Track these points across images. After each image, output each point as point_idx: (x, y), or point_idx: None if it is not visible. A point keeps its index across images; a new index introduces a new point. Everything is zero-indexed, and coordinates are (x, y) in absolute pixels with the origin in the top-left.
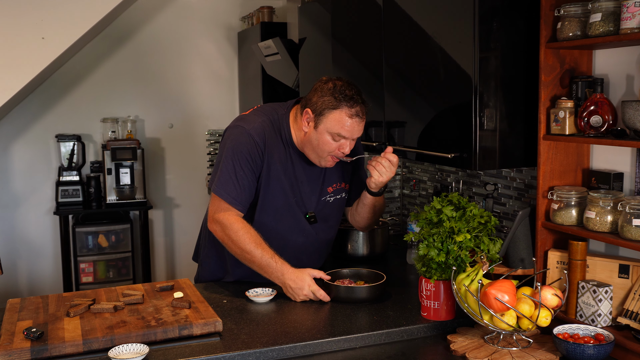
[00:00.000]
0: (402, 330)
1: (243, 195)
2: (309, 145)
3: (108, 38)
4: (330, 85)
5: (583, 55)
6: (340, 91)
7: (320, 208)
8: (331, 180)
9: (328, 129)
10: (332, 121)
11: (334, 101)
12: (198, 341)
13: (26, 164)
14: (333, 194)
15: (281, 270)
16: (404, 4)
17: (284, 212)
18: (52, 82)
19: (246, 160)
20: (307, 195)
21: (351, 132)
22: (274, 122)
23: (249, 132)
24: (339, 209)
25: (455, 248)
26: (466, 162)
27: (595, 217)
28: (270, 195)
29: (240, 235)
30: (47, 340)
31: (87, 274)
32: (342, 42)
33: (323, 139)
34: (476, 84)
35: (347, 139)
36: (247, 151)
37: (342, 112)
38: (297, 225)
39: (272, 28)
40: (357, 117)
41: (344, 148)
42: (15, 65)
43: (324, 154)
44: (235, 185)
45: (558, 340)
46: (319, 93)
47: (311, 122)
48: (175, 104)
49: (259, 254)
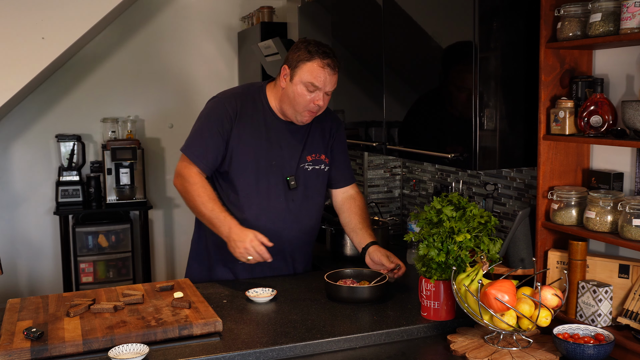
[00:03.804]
0: (402, 330)
1: (207, 155)
2: (286, 100)
3: (108, 38)
4: (304, 43)
5: (583, 55)
6: (314, 45)
7: (299, 175)
8: (311, 149)
9: (302, 80)
10: (305, 72)
11: (307, 54)
12: (198, 341)
13: (26, 164)
14: (312, 164)
15: (229, 225)
16: (404, 4)
17: (262, 174)
18: (52, 82)
19: (214, 124)
20: (287, 160)
21: (324, 82)
22: (250, 92)
23: (221, 100)
24: (319, 179)
25: (455, 248)
26: (466, 162)
27: (595, 217)
28: (246, 157)
29: (196, 188)
30: (47, 340)
31: (87, 274)
32: (342, 42)
33: (297, 90)
34: (476, 83)
35: (320, 90)
36: (216, 116)
37: (314, 62)
38: (277, 188)
39: (272, 28)
40: (329, 67)
41: (319, 100)
42: (15, 65)
43: (300, 107)
44: (202, 145)
45: (558, 340)
46: (294, 50)
47: (287, 77)
48: (175, 104)
49: (210, 207)
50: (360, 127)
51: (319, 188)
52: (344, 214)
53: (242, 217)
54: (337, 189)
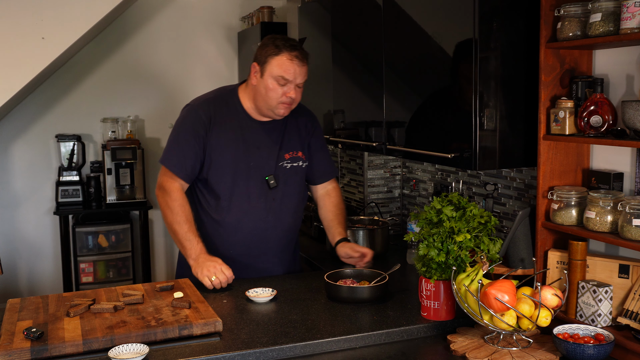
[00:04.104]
0: (402, 330)
1: (186, 164)
2: (259, 97)
3: (108, 38)
4: (272, 38)
5: (583, 55)
6: (281, 40)
7: (278, 174)
8: (288, 147)
9: (272, 74)
10: (274, 66)
11: (275, 48)
12: (198, 341)
13: (26, 164)
14: (290, 161)
15: (198, 251)
16: (404, 4)
17: (241, 176)
18: (52, 82)
19: (189, 132)
20: (265, 160)
21: (294, 74)
22: (223, 96)
23: (194, 108)
24: (298, 177)
25: (455, 248)
26: (466, 162)
27: (595, 217)
28: (224, 161)
29: (176, 205)
30: (47, 340)
31: (87, 274)
32: (342, 42)
33: (268, 85)
34: (476, 84)
35: (291, 82)
36: (190, 124)
37: (282, 56)
38: (257, 189)
39: (272, 28)
40: (297, 59)
41: (290, 92)
42: (15, 65)
43: (273, 101)
44: (179, 155)
45: (558, 340)
46: (261, 47)
47: (257, 74)
48: (175, 104)
49: (186, 229)
50: (360, 127)
51: (298, 185)
52: (320, 210)
53: (224, 221)
54: (317, 185)
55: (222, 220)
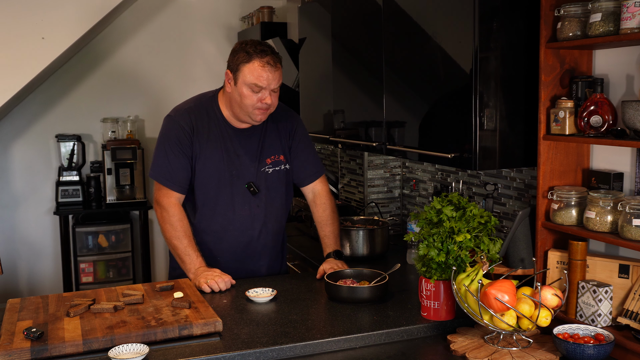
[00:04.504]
0: (402, 330)
1: (178, 176)
2: (235, 104)
3: (108, 38)
4: (242, 44)
5: (583, 55)
6: (251, 46)
7: (261, 179)
8: (269, 151)
9: (245, 82)
10: (247, 74)
11: (246, 55)
12: (198, 341)
13: (26, 164)
14: (272, 166)
15: (198, 265)
16: (404, 4)
17: (224, 185)
18: (52, 82)
19: (175, 144)
20: (246, 167)
21: (267, 80)
22: (202, 105)
23: (175, 119)
24: (281, 181)
25: (455, 248)
26: (466, 162)
27: (595, 217)
28: (206, 173)
29: (174, 220)
30: (47, 340)
31: (87, 274)
32: (342, 42)
33: (243, 92)
34: (476, 84)
35: (265, 89)
36: (175, 136)
37: (254, 63)
38: (240, 197)
39: (272, 28)
40: (269, 65)
41: (266, 99)
42: (15, 65)
43: (249, 108)
44: (169, 168)
45: (558, 340)
46: (233, 53)
47: (231, 81)
48: (175, 104)
49: (185, 243)
50: (360, 127)
51: (281, 189)
52: (313, 215)
53: (210, 229)
54: (304, 187)
55: (208, 229)
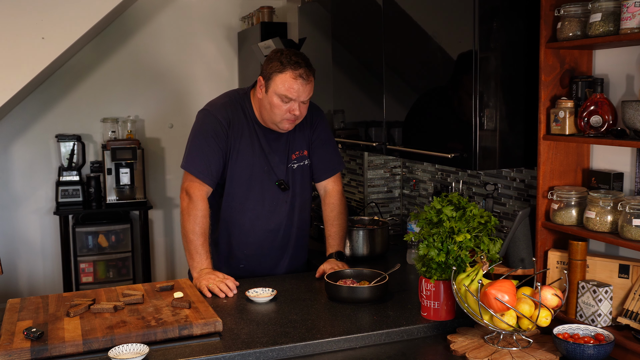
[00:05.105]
0: (402, 330)
1: (210, 168)
2: (264, 111)
3: (108, 38)
4: (278, 53)
5: (583, 55)
6: (286, 56)
7: (288, 175)
8: (294, 147)
9: (276, 91)
10: (279, 84)
11: (280, 65)
12: (198, 341)
13: (26, 164)
14: (296, 161)
15: (204, 266)
16: (404, 4)
17: (256, 180)
18: (52, 82)
19: (211, 137)
20: (277, 165)
21: (297, 93)
22: (237, 102)
23: (213, 112)
24: (305, 176)
25: (455, 248)
26: (466, 162)
27: (595, 217)
28: (239, 168)
29: (198, 215)
30: (47, 340)
31: (87, 274)
32: (342, 42)
33: (273, 101)
34: (476, 84)
35: (294, 101)
36: (212, 129)
37: (286, 74)
38: (270, 193)
39: (272, 28)
40: (301, 78)
41: (294, 110)
42: (15, 65)
43: (277, 117)
44: (203, 160)
45: (558, 340)
46: (267, 61)
47: (262, 88)
48: (175, 104)
49: (201, 242)
50: (360, 127)
51: (305, 183)
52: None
53: (238, 223)
54: (317, 183)
55: (236, 222)
